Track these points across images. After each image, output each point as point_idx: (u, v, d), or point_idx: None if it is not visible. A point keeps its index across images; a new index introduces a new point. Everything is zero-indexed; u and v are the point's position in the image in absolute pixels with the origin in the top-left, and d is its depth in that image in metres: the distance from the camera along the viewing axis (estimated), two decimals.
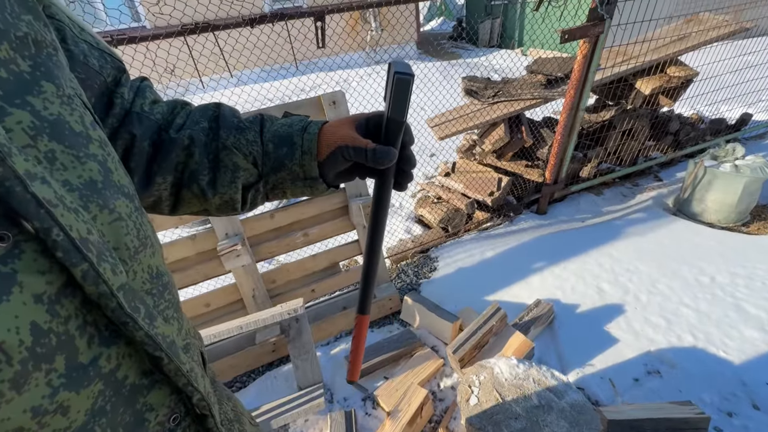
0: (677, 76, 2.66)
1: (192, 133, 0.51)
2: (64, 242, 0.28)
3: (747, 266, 2.15)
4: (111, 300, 0.31)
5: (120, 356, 0.33)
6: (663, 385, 1.65)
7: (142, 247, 0.37)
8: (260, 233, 1.91)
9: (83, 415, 0.30)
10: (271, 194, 0.57)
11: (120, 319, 0.32)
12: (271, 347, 1.95)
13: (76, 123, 0.33)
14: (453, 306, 2.15)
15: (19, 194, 0.26)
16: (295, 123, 0.55)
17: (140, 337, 0.34)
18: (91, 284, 0.30)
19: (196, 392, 0.41)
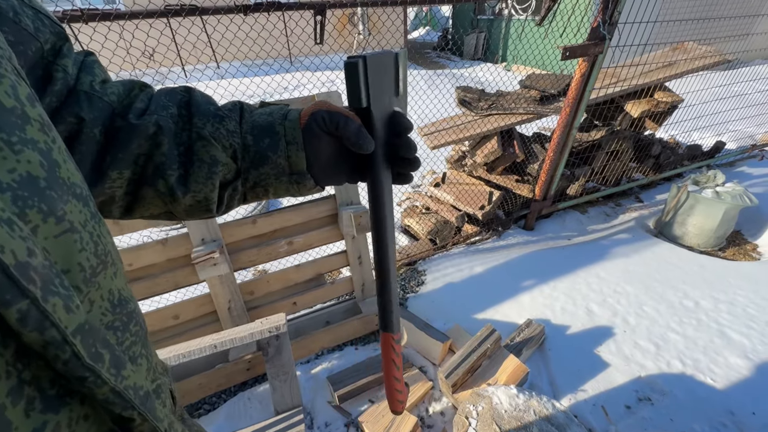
0: (664, 102, 2.72)
1: (159, 120, 0.42)
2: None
3: (728, 292, 2.19)
4: (63, 350, 0.23)
5: (73, 422, 0.25)
6: (655, 414, 1.62)
7: (101, 267, 0.28)
8: (240, 240, 1.74)
9: None
10: (251, 193, 0.50)
11: (75, 374, 0.24)
12: (245, 365, 1.78)
13: (5, 95, 0.23)
14: (441, 323, 2.06)
15: None
16: (275, 111, 0.49)
17: (103, 394, 0.26)
18: (32, 330, 0.21)
19: None
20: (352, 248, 1.94)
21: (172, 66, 5.32)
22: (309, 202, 1.82)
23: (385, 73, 0.46)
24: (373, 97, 0.44)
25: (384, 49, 0.53)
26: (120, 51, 2.03)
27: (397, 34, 9.23)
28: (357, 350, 1.96)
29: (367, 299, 2.07)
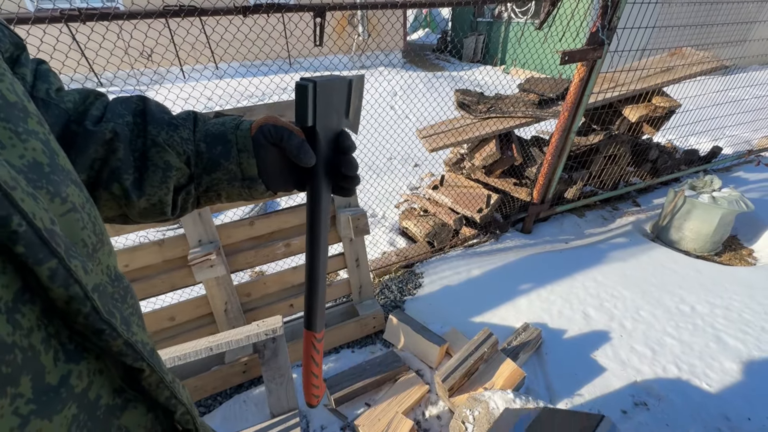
0: (662, 107, 2.73)
1: (116, 127, 0.45)
2: (28, 234, 0.23)
3: (724, 297, 2.20)
4: (84, 304, 0.27)
5: (91, 373, 0.29)
6: (651, 419, 1.62)
7: (99, 244, 0.32)
8: (237, 241, 1.74)
9: None
10: (204, 197, 0.53)
11: (95, 327, 0.28)
12: (241, 367, 1.77)
13: (8, 91, 0.27)
14: (439, 326, 2.06)
15: None
16: (228, 121, 0.52)
17: (118, 346, 0.30)
18: (60, 286, 0.25)
19: (180, 405, 0.37)
20: (349, 251, 1.93)
21: (170, 66, 5.29)
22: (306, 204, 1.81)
23: (335, 96, 0.50)
24: (320, 117, 0.48)
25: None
26: (118, 51, 2.02)
27: (397, 37, 9.25)
28: (353, 353, 1.95)
29: (365, 301, 2.06)
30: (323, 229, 0.52)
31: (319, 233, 0.52)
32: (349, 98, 0.53)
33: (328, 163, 0.51)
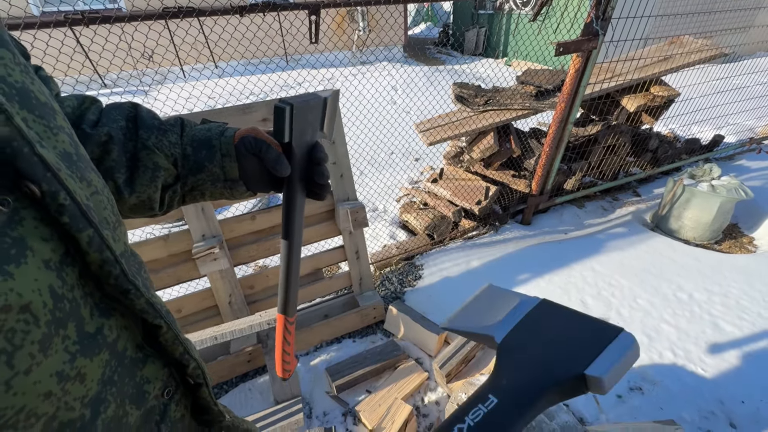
0: (660, 96, 2.73)
1: (110, 130, 0.49)
2: (72, 207, 0.29)
3: (722, 284, 2.21)
4: (115, 267, 0.32)
5: (118, 328, 0.34)
6: (645, 403, 1.66)
7: (117, 223, 0.37)
8: (240, 235, 1.79)
9: (96, 384, 0.31)
10: (189, 196, 0.58)
11: (122, 287, 0.33)
12: (246, 357, 1.83)
13: (39, 93, 0.32)
14: (438, 316, 2.10)
15: (26, 156, 0.26)
16: (213, 128, 0.58)
17: (141, 305, 0.35)
18: (95, 251, 0.31)
19: (192, 360, 0.42)
20: (349, 243, 1.98)
21: (171, 66, 5.35)
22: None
23: (311, 114, 0.56)
24: (296, 133, 0.54)
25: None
26: (120, 53, 2.06)
27: (398, 31, 9.22)
28: (355, 342, 2.00)
29: (365, 293, 2.11)
30: (297, 229, 0.59)
31: (293, 233, 0.58)
32: (324, 114, 0.59)
33: (302, 171, 0.57)
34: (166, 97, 1.35)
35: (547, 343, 0.50)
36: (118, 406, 0.34)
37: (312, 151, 0.58)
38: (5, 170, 0.26)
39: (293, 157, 0.55)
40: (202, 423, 0.49)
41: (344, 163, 1.84)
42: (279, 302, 0.62)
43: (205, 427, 0.50)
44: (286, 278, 0.60)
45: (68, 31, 1.30)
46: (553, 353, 0.47)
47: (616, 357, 0.43)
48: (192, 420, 0.47)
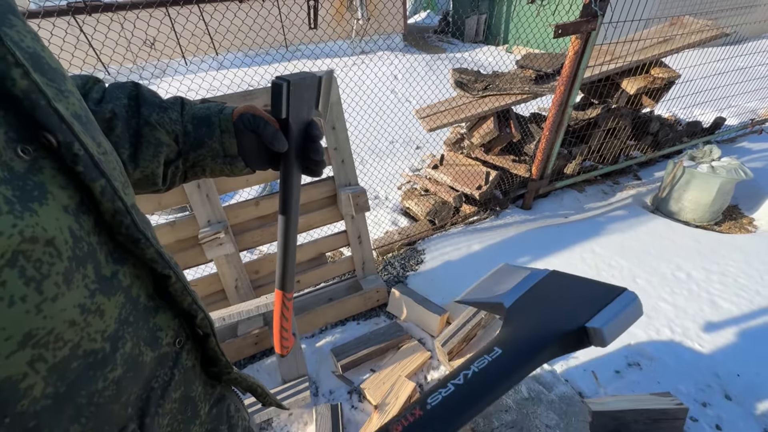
0: (661, 78, 2.73)
1: (114, 108, 0.52)
2: (85, 157, 0.31)
3: (720, 263, 2.24)
4: (126, 216, 0.34)
5: (131, 275, 0.36)
6: (643, 377, 1.70)
7: (126, 184, 0.39)
8: (244, 221, 1.83)
9: (114, 322, 0.33)
10: (190, 172, 0.60)
11: (133, 236, 0.35)
12: (253, 339, 1.88)
13: (50, 59, 0.33)
14: (440, 299, 2.14)
15: (43, 108, 0.28)
16: (213, 107, 0.60)
17: (151, 254, 0.37)
18: (108, 200, 0.33)
19: (200, 311, 0.44)
20: (351, 228, 2.01)
21: (172, 55, 5.35)
22: (309, 184, 1.89)
23: (307, 92, 0.58)
24: (292, 110, 0.56)
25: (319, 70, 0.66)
26: (121, 48, 2.08)
27: (397, 19, 9.14)
28: (359, 325, 2.05)
29: (368, 277, 2.15)
30: (294, 205, 0.61)
31: (290, 208, 0.60)
32: (319, 93, 0.61)
33: (298, 148, 0.60)
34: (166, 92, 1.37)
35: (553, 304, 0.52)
36: (134, 345, 0.36)
37: (308, 128, 0.60)
38: (25, 121, 0.28)
39: (290, 133, 0.58)
40: (212, 376, 0.52)
41: (345, 149, 1.86)
42: (277, 278, 0.64)
43: (214, 380, 0.53)
44: (284, 253, 0.63)
45: (71, 20, 1.32)
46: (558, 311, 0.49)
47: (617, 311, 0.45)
48: (202, 372, 0.50)
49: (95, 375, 0.31)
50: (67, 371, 0.29)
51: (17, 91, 0.27)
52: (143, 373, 0.38)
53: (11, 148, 0.27)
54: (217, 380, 0.53)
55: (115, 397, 0.34)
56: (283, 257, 0.63)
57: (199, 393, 0.48)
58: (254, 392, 0.60)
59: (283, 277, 0.64)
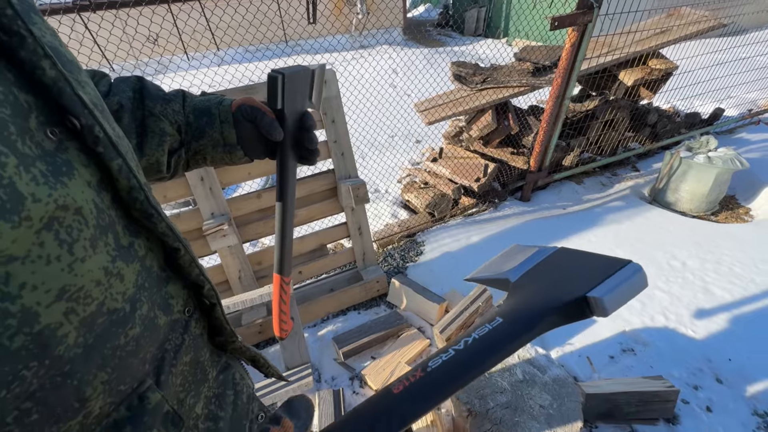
0: (658, 69, 2.74)
1: (120, 100, 0.55)
2: (104, 139, 0.34)
3: (715, 252, 2.27)
4: (140, 193, 0.38)
5: (145, 248, 0.40)
6: (636, 362, 1.74)
7: (138, 167, 0.42)
8: (246, 213, 1.87)
9: (132, 286, 0.37)
10: (192, 160, 0.64)
11: (147, 211, 0.39)
12: (257, 329, 1.93)
13: (67, 52, 0.37)
14: (439, 289, 2.18)
15: (68, 94, 0.32)
16: (212, 98, 0.63)
17: (162, 228, 0.41)
18: (124, 178, 0.36)
19: (206, 282, 0.48)
20: (352, 220, 2.05)
21: (174, 51, 5.38)
22: (309, 177, 1.93)
23: (300, 84, 0.62)
24: (287, 101, 0.60)
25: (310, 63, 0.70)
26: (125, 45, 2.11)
27: (398, 14, 9.10)
28: (360, 314, 2.10)
29: (369, 267, 2.20)
30: (290, 191, 0.65)
31: (286, 194, 0.65)
32: (312, 85, 0.66)
33: (293, 137, 0.64)
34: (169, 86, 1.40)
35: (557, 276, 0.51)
36: (150, 308, 0.40)
37: (302, 119, 0.64)
38: (52, 107, 0.31)
39: (285, 123, 0.62)
40: (218, 346, 0.56)
41: (345, 142, 1.90)
42: (275, 262, 0.68)
43: (220, 350, 0.57)
44: (281, 238, 0.66)
45: (76, 17, 1.36)
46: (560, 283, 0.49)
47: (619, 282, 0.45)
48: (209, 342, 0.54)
49: (117, 331, 0.35)
50: (95, 325, 0.33)
51: (47, 80, 0.31)
52: (158, 335, 0.42)
53: (41, 130, 0.30)
54: (222, 350, 0.57)
55: (134, 352, 0.38)
56: (281, 242, 0.66)
57: (207, 359, 0.52)
58: (256, 363, 0.64)
59: (281, 261, 0.67)
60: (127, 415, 0.37)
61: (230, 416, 0.57)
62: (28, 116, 0.30)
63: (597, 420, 1.51)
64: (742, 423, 1.50)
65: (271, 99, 0.60)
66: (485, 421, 1.21)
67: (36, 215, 0.28)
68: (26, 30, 0.30)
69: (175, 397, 0.45)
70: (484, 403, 1.25)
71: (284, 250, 0.67)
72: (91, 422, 0.34)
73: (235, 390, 0.59)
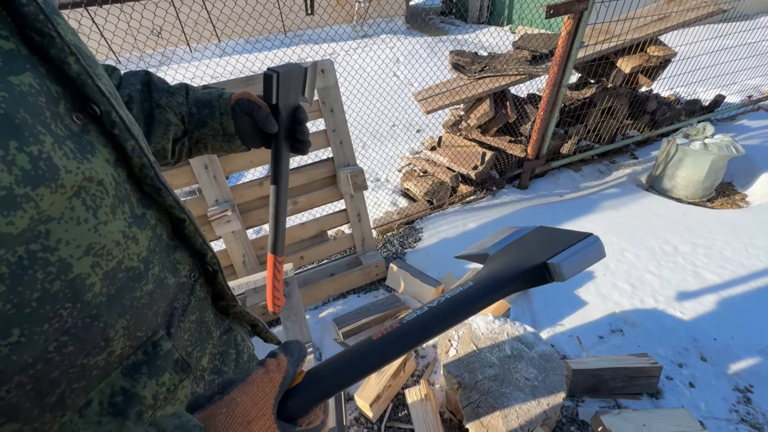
0: (656, 56, 2.75)
1: (130, 92, 0.61)
2: (120, 123, 0.40)
3: (708, 237, 2.31)
4: (150, 170, 0.44)
5: (156, 218, 0.46)
6: (624, 342, 1.81)
7: (148, 147, 0.47)
8: (249, 201, 1.94)
9: (145, 250, 0.43)
10: (195, 148, 0.70)
11: (156, 186, 0.45)
12: (261, 311, 2.02)
13: (86, 49, 0.42)
14: (436, 273, 2.26)
15: (90, 85, 0.38)
16: (213, 92, 0.69)
17: (170, 201, 0.46)
18: (137, 157, 0.42)
19: (209, 250, 0.54)
20: (351, 206, 2.12)
21: (177, 43, 5.41)
22: (309, 165, 2.00)
23: (294, 81, 0.69)
24: (281, 97, 0.66)
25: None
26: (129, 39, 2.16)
27: (400, 3, 9.02)
28: (359, 297, 2.18)
29: (368, 253, 2.27)
30: (283, 177, 0.72)
31: (280, 179, 0.71)
32: (305, 81, 0.72)
33: (287, 129, 0.71)
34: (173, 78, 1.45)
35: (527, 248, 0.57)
36: (160, 270, 0.45)
37: (295, 113, 0.71)
38: (76, 96, 0.37)
39: (279, 116, 0.68)
40: (221, 310, 0.62)
41: (343, 130, 1.95)
42: (269, 243, 0.74)
43: (223, 314, 0.63)
44: (275, 220, 0.73)
45: (84, 11, 1.42)
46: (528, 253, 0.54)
47: (577, 251, 0.49)
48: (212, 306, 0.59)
49: (134, 286, 0.41)
50: (116, 279, 0.39)
51: (72, 73, 0.37)
52: (168, 293, 0.48)
53: (69, 116, 0.36)
54: (225, 314, 0.64)
55: (148, 305, 0.44)
56: (275, 224, 0.73)
57: (211, 320, 0.58)
58: (255, 327, 0.70)
59: (274, 242, 0.74)
60: (144, 359, 0.44)
61: (233, 371, 0.64)
62: (58, 104, 0.35)
63: (583, 394, 1.59)
64: (723, 398, 1.57)
65: (266, 94, 0.66)
66: (474, 392, 1.29)
67: (68, 184, 0.33)
68: (55, 32, 0.36)
69: (184, 349, 0.51)
70: (473, 376, 1.33)
71: (278, 232, 0.74)
72: (114, 360, 0.41)
73: (237, 350, 0.66)
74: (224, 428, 0.33)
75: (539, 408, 1.23)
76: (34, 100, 0.33)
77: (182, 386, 0.50)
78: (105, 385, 0.40)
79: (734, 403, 1.54)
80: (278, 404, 0.38)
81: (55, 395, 0.35)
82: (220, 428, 0.33)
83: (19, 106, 0.31)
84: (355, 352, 0.46)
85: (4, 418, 0.32)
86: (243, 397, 0.36)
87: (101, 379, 0.40)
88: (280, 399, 0.38)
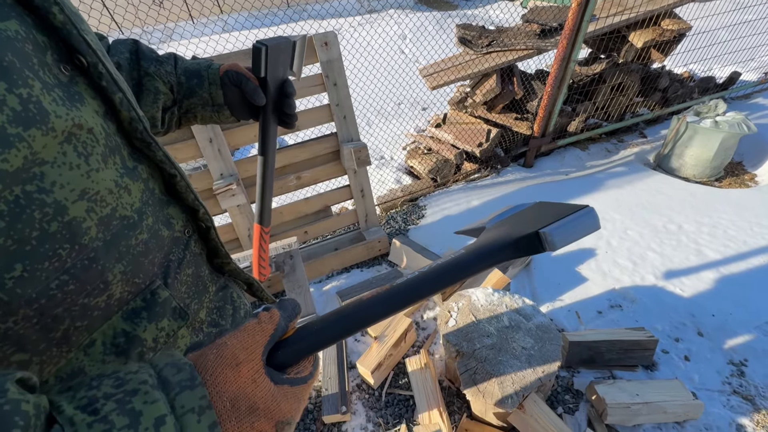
0: (670, 30, 2.66)
1: (119, 60, 0.61)
2: (107, 75, 0.40)
3: (713, 216, 2.30)
4: (139, 123, 0.44)
5: (147, 172, 0.46)
6: (622, 317, 1.84)
7: (136, 103, 0.48)
8: (253, 175, 1.96)
9: (138, 201, 0.44)
10: (184, 117, 0.70)
11: (146, 140, 0.45)
12: (267, 283, 2.07)
13: (71, 5, 0.43)
14: (438, 250, 2.28)
15: (75, 36, 0.37)
16: (202, 62, 0.69)
17: (160, 156, 0.46)
18: (126, 110, 0.42)
19: (201, 206, 0.54)
20: (354, 182, 2.13)
21: (179, 15, 5.34)
22: (313, 140, 2.00)
23: (282, 54, 0.69)
24: (270, 70, 0.67)
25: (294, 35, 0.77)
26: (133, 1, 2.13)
27: None
28: (362, 272, 2.22)
29: (371, 228, 2.30)
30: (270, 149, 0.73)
31: (267, 151, 0.73)
32: (293, 55, 0.73)
33: (275, 102, 0.71)
34: None
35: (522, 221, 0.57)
36: (154, 221, 0.46)
37: (283, 86, 0.72)
38: (62, 46, 0.37)
39: (267, 89, 0.69)
40: (216, 268, 0.62)
41: (347, 105, 1.94)
42: (255, 213, 0.76)
43: (218, 272, 0.64)
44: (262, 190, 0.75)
45: None
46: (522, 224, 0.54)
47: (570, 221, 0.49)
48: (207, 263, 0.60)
49: (129, 234, 0.42)
50: (111, 225, 0.40)
51: (57, 23, 0.36)
52: (162, 245, 0.48)
53: (56, 66, 0.37)
54: (221, 273, 0.65)
55: (144, 253, 0.45)
56: (261, 194, 0.75)
57: (206, 275, 0.59)
58: (250, 285, 0.71)
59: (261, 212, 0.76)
60: (143, 305, 0.46)
61: (230, 325, 0.65)
62: (45, 53, 0.36)
63: (579, 365, 1.63)
64: (717, 371, 1.60)
65: (255, 67, 0.67)
66: (471, 360, 1.33)
67: (58, 128, 0.34)
68: None
69: (182, 300, 0.52)
70: (471, 345, 1.37)
71: (264, 203, 0.76)
72: (114, 303, 0.42)
73: (234, 306, 0.68)
74: (213, 367, 0.34)
75: (534, 375, 1.27)
76: (21, 46, 0.33)
77: (181, 335, 0.52)
78: (107, 327, 0.42)
79: (728, 376, 1.57)
80: (268, 353, 0.39)
81: (60, 331, 0.37)
82: (209, 367, 0.34)
83: (6, 50, 0.31)
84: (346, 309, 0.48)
85: (14, 348, 0.34)
86: (233, 341, 0.36)
87: (103, 321, 0.42)
88: (270, 348, 0.39)
